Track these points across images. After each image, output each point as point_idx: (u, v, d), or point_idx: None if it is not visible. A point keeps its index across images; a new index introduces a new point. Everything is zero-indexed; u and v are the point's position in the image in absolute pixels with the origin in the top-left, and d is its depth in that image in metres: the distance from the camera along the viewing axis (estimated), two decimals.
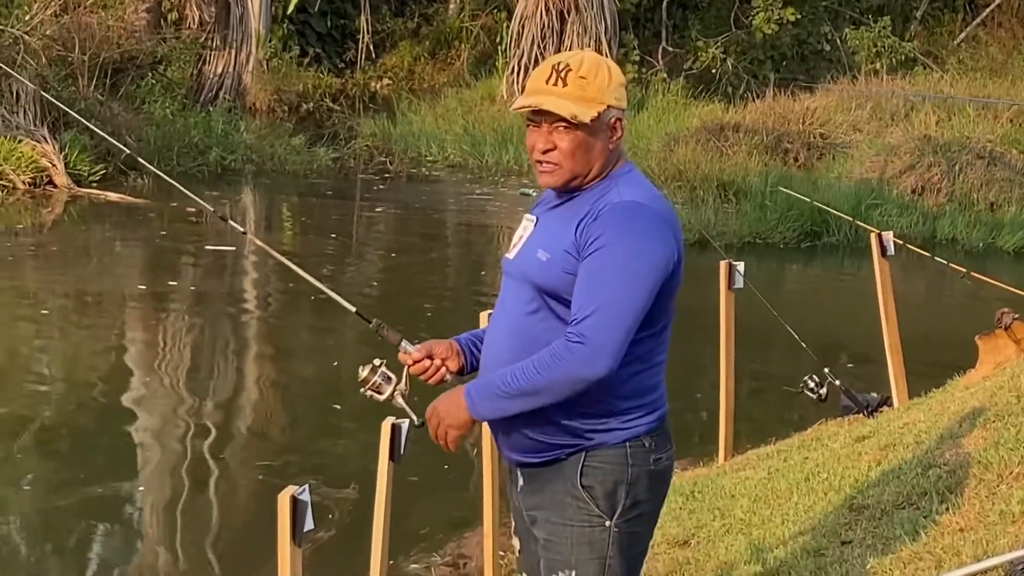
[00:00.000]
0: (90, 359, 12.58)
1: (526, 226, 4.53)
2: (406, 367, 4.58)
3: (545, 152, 4.31)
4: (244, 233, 6.13)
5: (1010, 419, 6.42)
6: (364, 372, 4.64)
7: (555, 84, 4.28)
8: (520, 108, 4.28)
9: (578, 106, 4.21)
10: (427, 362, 4.54)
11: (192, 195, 6.05)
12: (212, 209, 6.21)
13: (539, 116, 4.29)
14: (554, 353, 4.19)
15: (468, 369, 4.61)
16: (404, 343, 4.58)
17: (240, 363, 12.84)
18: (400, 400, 4.58)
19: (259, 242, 6.16)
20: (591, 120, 4.22)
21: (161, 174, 6.43)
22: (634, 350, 4.30)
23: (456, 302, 15.71)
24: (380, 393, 4.62)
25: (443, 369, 4.54)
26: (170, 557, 8.61)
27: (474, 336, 4.72)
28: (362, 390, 4.72)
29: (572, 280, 4.24)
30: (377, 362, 4.61)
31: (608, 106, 4.30)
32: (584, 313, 4.16)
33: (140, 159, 6.51)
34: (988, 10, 30.29)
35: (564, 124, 4.25)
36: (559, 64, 4.30)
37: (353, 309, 5.15)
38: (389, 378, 4.60)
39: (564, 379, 4.17)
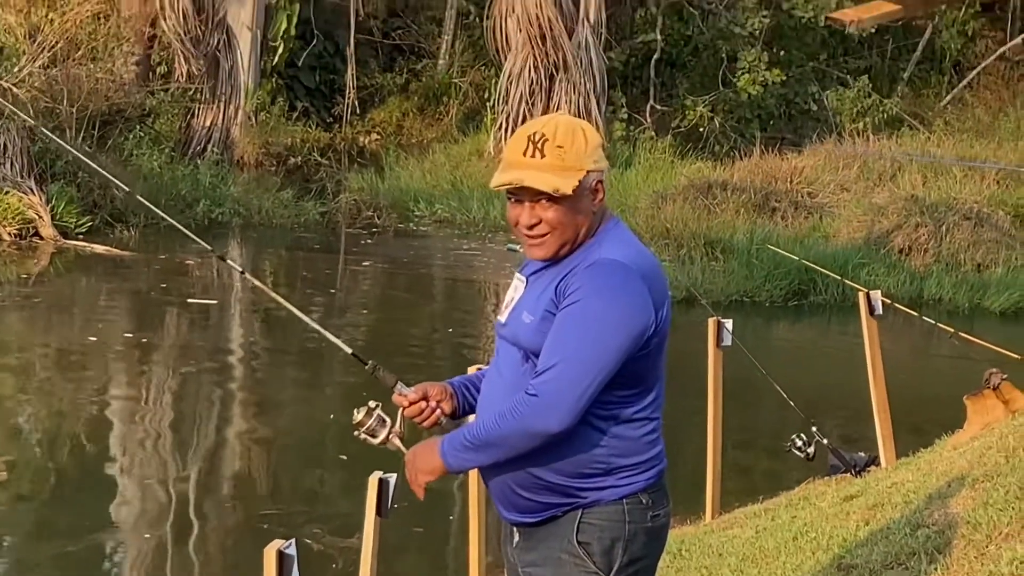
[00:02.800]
0: (73, 411, 12.52)
1: (516, 287, 4.52)
2: (401, 409, 4.57)
3: (531, 227, 4.30)
4: (242, 273, 6.09)
5: (999, 479, 6.41)
6: (359, 415, 4.60)
7: (532, 156, 4.24)
8: (501, 186, 4.23)
9: (559, 178, 4.18)
10: (422, 404, 4.53)
11: (191, 234, 6.03)
12: (210, 248, 6.17)
13: (520, 191, 4.24)
14: (513, 405, 4.20)
15: (461, 412, 4.62)
16: (399, 385, 4.57)
17: (225, 415, 12.79)
18: (397, 442, 4.56)
19: (256, 281, 6.14)
20: (573, 190, 4.21)
21: (170, 219, 6.37)
22: (622, 410, 4.29)
23: (443, 358, 15.68)
24: (375, 436, 4.60)
25: (438, 411, 4.54)
26: None
27: (466, 380, 4.71)
28: (356, 433, 4.68)
29: None
30: (372, 404, 4.59)
31: (588, 171, 4.27)
32: (544, 367, 4.16)
33: (148, 203, 6.42)
34: (974, 72, 30.49)
35: (547, 197, 4.23)
36: (535, 134, 4.25)
37: (349, 350, 5.14)
38: (384, 421, 4.58)
39: (520, 431, 4.18)
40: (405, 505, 5.45)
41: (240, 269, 6.05)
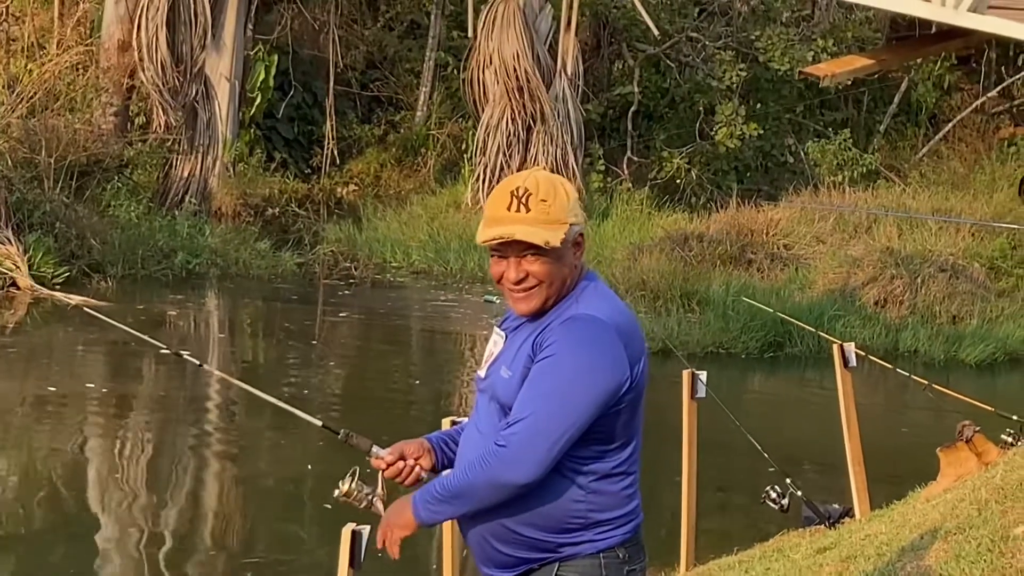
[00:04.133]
0: (47, 461, 12.51)
1: (496, 341, 4.52)
2: (381, 472, 4.58)
3: (519, 282, 4.30)
4: (200, 366, 6.10)
5: (971, 532, 6.44)
6: (344, 486, 4.64)
7: (518, 210, 4.24)
8: (489, 240, 4.23)
9: (547, 231, 4.19)
10: (400, 464, 4.54)
11: (140, 334, 6.03)
12: (165, 347, 6.18)
13: (504, 246, 4.25)
14: (482, 456, 4.21)
15: (440, 466, 4.61)
16: (375, 448, 4.59)
17: (200, 468, 12.77)
18: (379, 506, 4.60)
19: (218, 372, 6.18)
20: (560, 243, 4.24)
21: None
22: (600, 465, 4.31)
23: (420, 408, 15.69)
24: (360, 503, 4.64)
25: (417, 469, 4.54)
26: None
27: (444, 435, 4.71)
28: (342, 501, 4.74)
29: None
30: (354, 471, 4.64)
31: (571, 224, 4.32)
32: (515, 419, 4.17)
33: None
34: (950, 125, 30.64)
35: (533, 251, 4.23)
36: (517, 189, 4.26)
37: (319, 423, 5.20)
38: (364, 487, 4.63)
39: (488, 483, 4.19)
40: (380, 557, 5.47)
41: (198, 362, 6.05)
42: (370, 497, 4.65)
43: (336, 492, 4.75)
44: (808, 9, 29.91)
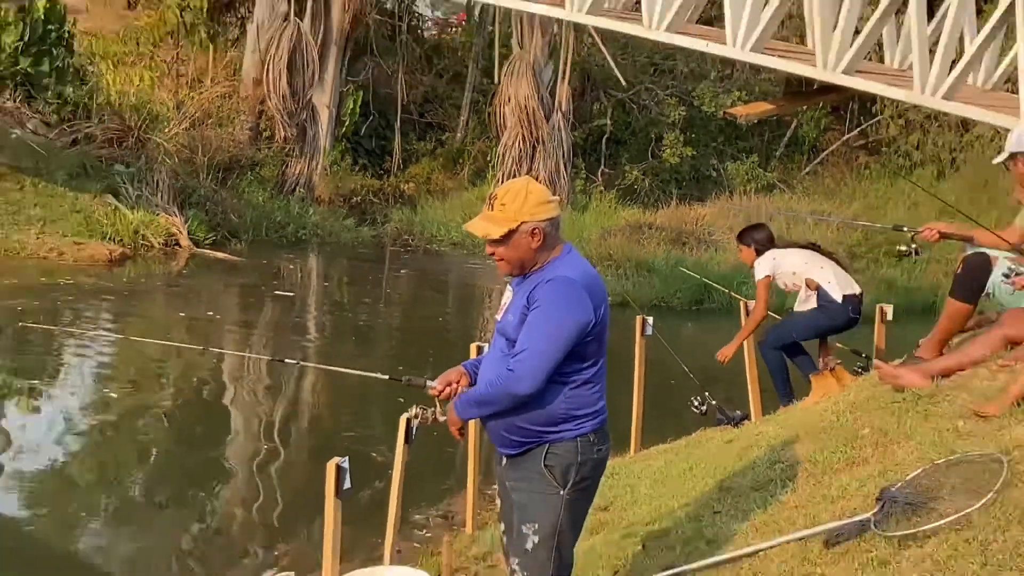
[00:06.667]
0: (195, 361, 12.53)
1: (507, 294, 4.57)
2: (437, 398, 4.66)
3: (491, 255, 4.38)
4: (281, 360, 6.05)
5: (831, 431, 6.42)
6: (411, 412, 4.95)
7: (488, 209, 4.33)
8: (466, 229, 4.41)
9: (492, 225, 4.26)
10: (448, 389, 4.59)
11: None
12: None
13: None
14: (497, 376, 4.27)
15: (472, 383, 4.64)
16: (428, 382, 4.69)
17: (301, 375, 12.74)
18: (441, 419, 4.71)
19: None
20: (501, 236, 4.24)
21: None
22: (576, 377, 4.36)
23: (455, 335, 15.68)
24: (426, 422, 4.83)
25: (460, 388, 4.59)
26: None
27: (474, 362, 4.74)
28: (414, 423, 5.08)
29: None
30: (414, 408, 4.91)
31: (522, 222, 4.32)
32: (518, 351, 4.21)
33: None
34: (824, 154, 30.47)
35: (491, 238, 4.30)
36: (492, 195, 4.34)
37: (386, 376, 5.37)
38: (425, 409, 4.82)
39: (502, 394, 4.26)
40: (435, 435, 5.42)
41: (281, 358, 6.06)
42: (431, 414, 4.78)
43: (407, 414, 5.04)
44: (729, 69, 29.65)
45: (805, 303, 8.65)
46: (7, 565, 6.97)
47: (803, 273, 8.56)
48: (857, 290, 8.51)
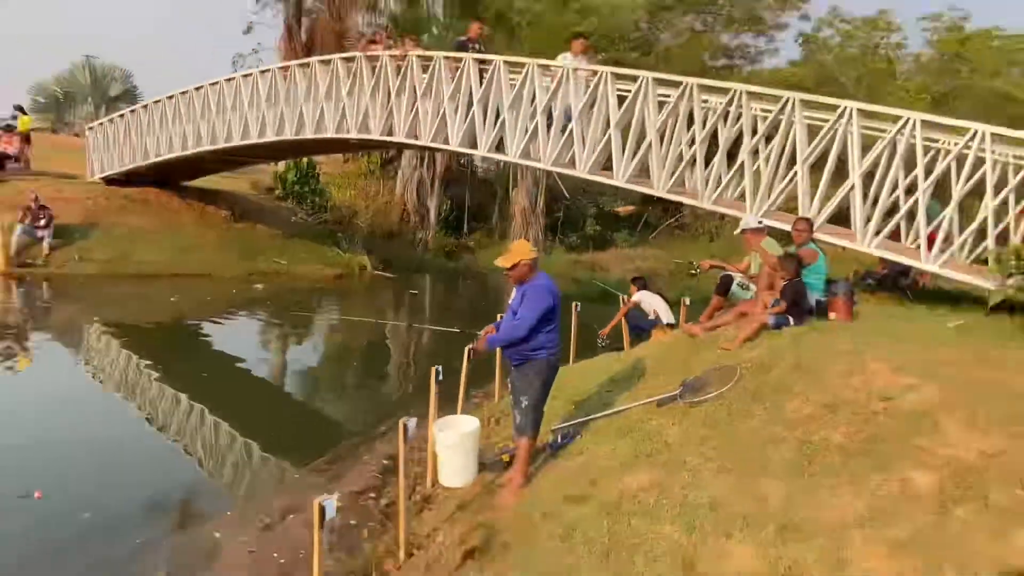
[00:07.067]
0: (359, 334, 11.54)
1: (513, 293, 4.57)
2: (479, 337, 4.55)
3: (506, 275, 4.34)
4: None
5: (661, 357, 6.30)
6: (471, 348, 4.82)
7: (506, 254, 4.34)
8: (496, 263, 4.33)
9: (503, 261, 4.26)
10: (484, 333, 4.53)
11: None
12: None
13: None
14: (510, 326, 4.25)
15: (496, 332, 4.50)
16: (477, 333, 4.68)
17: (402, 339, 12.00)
18: (481, 348, 4.45)
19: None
20: (511, 266, 4.26)
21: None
22: (544, 328, 4.35)
23: (492, 310, 15.25)
24: (476, 346, 4.58)
25: (490, 332, 4.48)
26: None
27: (497, 323, 4.71)
28: (471, 355, 4.83)
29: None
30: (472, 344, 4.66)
31: (521, 260, 4.34)
32: (519, 317, 4.18)
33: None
34: (660, 228, 29.55)
35: (506, 268, 4.25)
36: (507, 248, 4.34)
37: (458, 330, 5.30)
38: (476, 341, 4.64)
39: (511, 336, 4.26)
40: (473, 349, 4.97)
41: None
42: (475, 344, 4.63)
43: (469, 347, 4.91)
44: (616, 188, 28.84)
45: (648, 316, 8.72)
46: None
47: (651, 305, 8.63)
48: (672, 319, 8.33)
